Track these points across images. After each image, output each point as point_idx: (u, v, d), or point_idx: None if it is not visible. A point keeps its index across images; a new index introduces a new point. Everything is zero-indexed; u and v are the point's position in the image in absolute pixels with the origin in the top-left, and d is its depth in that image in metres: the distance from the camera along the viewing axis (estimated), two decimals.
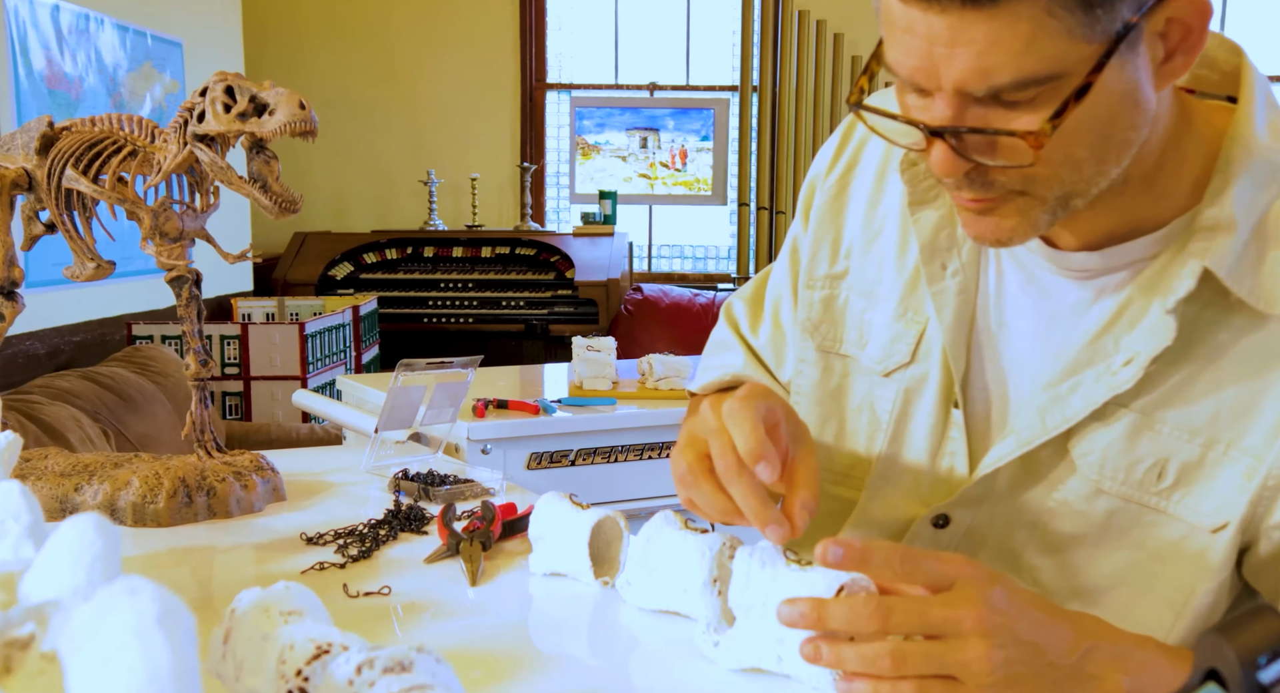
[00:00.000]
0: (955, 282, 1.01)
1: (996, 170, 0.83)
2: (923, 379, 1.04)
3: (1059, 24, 0.75)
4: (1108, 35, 0.77)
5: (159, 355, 3.53)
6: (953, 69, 0.78)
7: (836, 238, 1.13)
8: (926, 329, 1.04)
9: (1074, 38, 0.76)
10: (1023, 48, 0.76)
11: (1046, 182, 0.84)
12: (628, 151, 6.01)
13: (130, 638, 0.54)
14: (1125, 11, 0.76)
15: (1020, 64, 0.77)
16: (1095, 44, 0.77)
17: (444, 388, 1.57)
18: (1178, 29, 0.81)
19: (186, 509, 1.29)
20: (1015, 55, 0.76)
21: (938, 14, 0.77)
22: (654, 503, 2.35)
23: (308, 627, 0.70)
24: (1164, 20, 0.80)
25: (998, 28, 0.76)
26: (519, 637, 0.99)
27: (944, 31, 0.77)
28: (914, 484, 1.05)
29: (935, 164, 0.83)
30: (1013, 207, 0.86)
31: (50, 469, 1.36)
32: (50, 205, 1.37)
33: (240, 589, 0.75)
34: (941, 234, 1.02)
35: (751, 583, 0.85)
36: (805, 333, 1.14)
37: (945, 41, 0.78)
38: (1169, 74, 0.83)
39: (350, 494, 1.44)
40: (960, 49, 0.77)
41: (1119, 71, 0.79)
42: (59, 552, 0.70)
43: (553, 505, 1.10)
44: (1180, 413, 0.91)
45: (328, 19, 5.94)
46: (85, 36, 3.66)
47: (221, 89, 1.25)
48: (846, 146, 1.15)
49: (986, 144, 0.82)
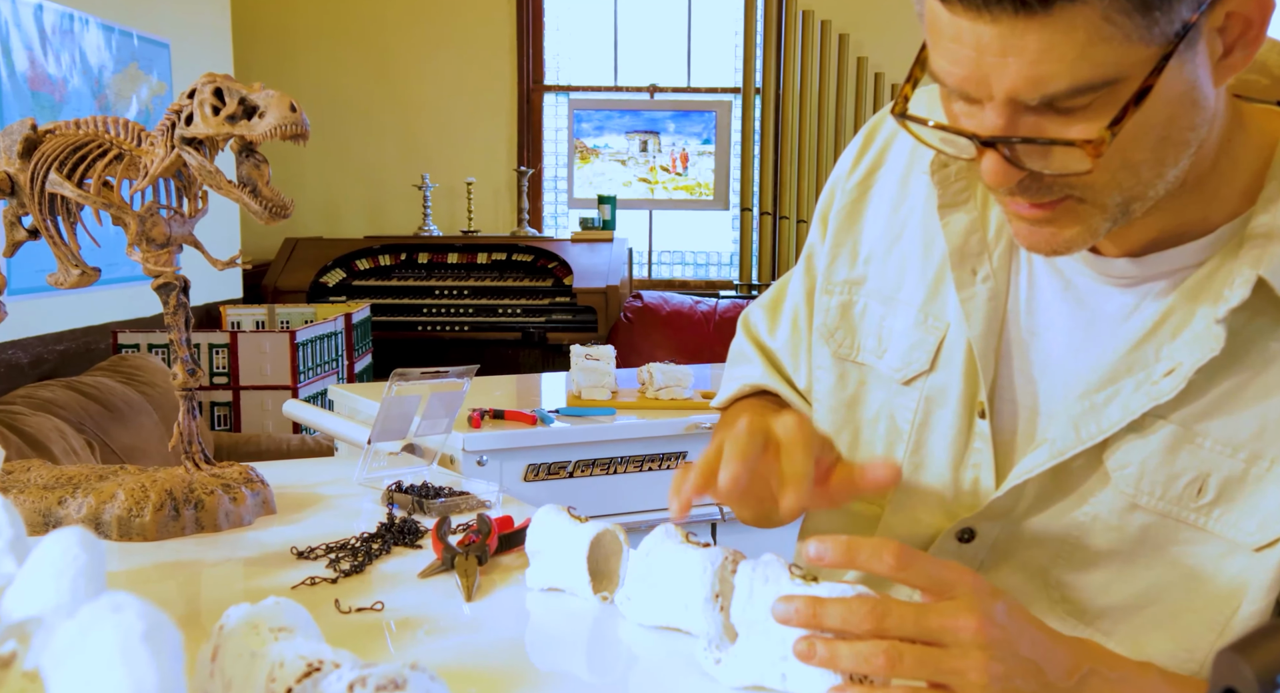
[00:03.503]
0: (986, 288, 1.00)
1: (1052, 177, 0.82)
2: (944, 388, 1.03)
3: (1115, 29, 0.74)
4: (1166, 37, 0.76)
5: (145, 365, 3.53)
6: (1004, 78, 0.78)
7: (856, 242, 1.13)
8: (947, 336, 1.03)
9: (1131, 42, 0.75)
10: (1078, 54, 0.75)
11: (1105, 187, 0.82)
12: (627, 155, 6.02)
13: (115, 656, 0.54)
14: (1185, 11, 0.75)
15: (1075, 71, 0.76)
16: (1154, 46, 0.76)
17: (439, 398, 1.57)
18: (1238, 23, 0.79)
19: (173, 523, 1.29)
20: (1070, 62, 0.75)
21: (988, 23, 0.76)
22: (654, 516, 2.35)
23: (298, 644, 0.70)
24: (1223, 15, 0.78)
25: (1051, 35, 0.75)
26: (515, 654, 0.99)
27: (994, 40, 0.77)
28: (937, 497, 1.04)
29: (988, 175, 0.82)
30: (1071, 215, 0.85)
31: (33, 482, 1.36)
32: (33, 210, 1.37)
33: (229, 605, 0.75)
34: (973, 238, 1.01)
35: (754, 598, 0.85)
36: (821, 339, 1.14)
37: (996, 51, 0.77)
38: (1228, 69, 0.82)
39: (342, 507, 1.44)
40: (1012, 58, 0.76)
41: (1178, 72, 0.78)
42: (41, 567, 0.70)
43: (550, 519, 1.10)
44: (1223, 426, 0.89)
45: (319, 19, 5.95)
46: (69, 37, 3.67)
47: (210, 91, 1.25)
48: (869, 149, 1.14)
49: (1041, 152, 0.81)
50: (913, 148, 1.08)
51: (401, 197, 5.99)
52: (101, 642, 0.54)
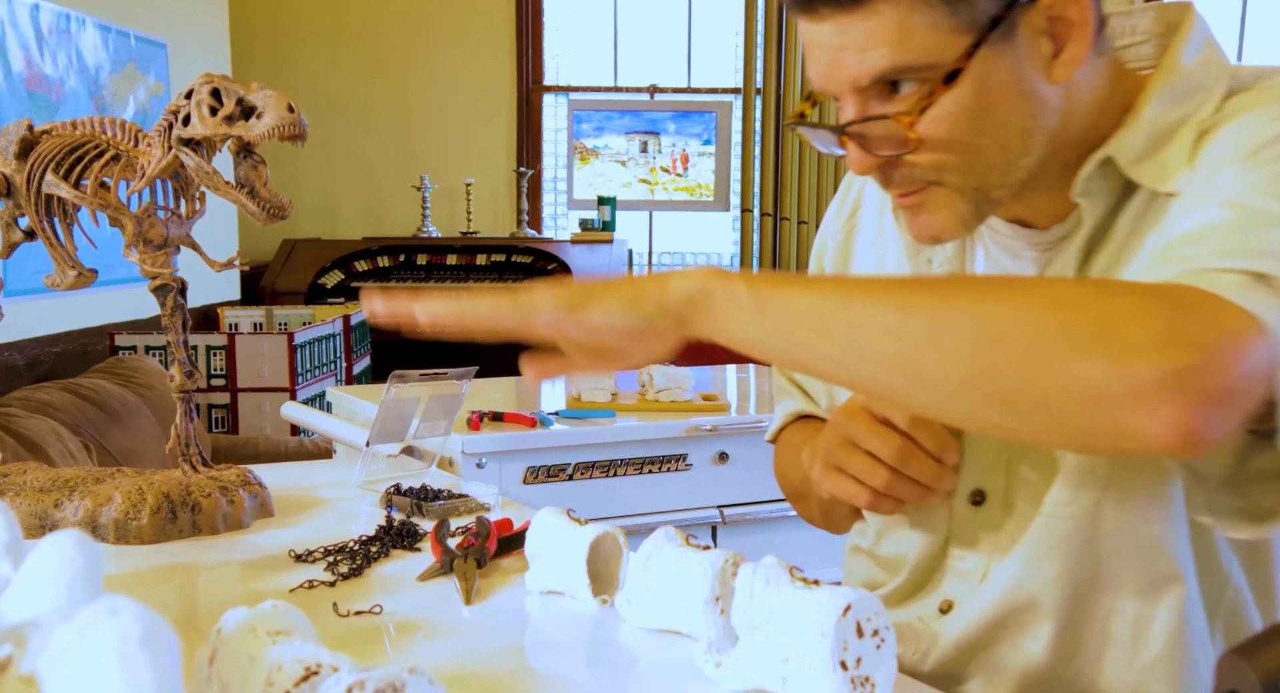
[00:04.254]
0: (942, 271, 1.10)
1: (909, 162, 0.93)
2: None
3: (924, 18, 0.87)
4: (976, 27, 0.88)
5: (142, 367, 3.53)
6: (844, 69, 0.91)
7: (849, 272, 1.23)
8: None
9: (941, 30, 0.87)
10: (897, 39, 0.88)
11: (956, 170, 0.93)
12: (627, 156, 6.01)
13: (112, 660, 0.54)
14: (990, 4, 0.87)
15: (895, 54, 0.88)
16: (965, 36, 0.88)
17: (438, 400, 1.57)
18: (1061, 24, 0.91)
19: (171, 526, 1.29)
20: (892, 46, 0.88)
21: (822, 22, 0.90)
22: (654, 519, 2.35)
23: (296, 647, 0.70)
24: (1044, 18, 0.90)
25: (872, 25, 0.88)
26: (515, 657, 0.99)
27: (831, 37, 0.90)
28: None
29: (849, 162, 0.95)
30: (937, 200, 0.96)
31: (29, 484, 1.36)
32: (30, 212, 1.37)
33: (226, 609, 0.75)
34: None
35: (755, 601, 0.85)
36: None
37: (834, 46, 0.91)
38: (1067, 64, 0.92)
39: (340, 510, 1.44)
40: (848, 51, 0.90)
41: (996, 62, 0.89)
42: (38, 570, 0.70)
43: (550, 521, 1.10)
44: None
45: (317, 19, 5.95)
46: (66, 37, 3.67)
47: (207, 91, 1.25)
48: (850, 191, 1.26)
49: (887, 138, 0.92)
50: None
51: (400, 198, 5.99)
52: (98, 646, 0.54)
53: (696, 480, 2.46)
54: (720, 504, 2.49)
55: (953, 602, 1.09)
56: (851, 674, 0.79)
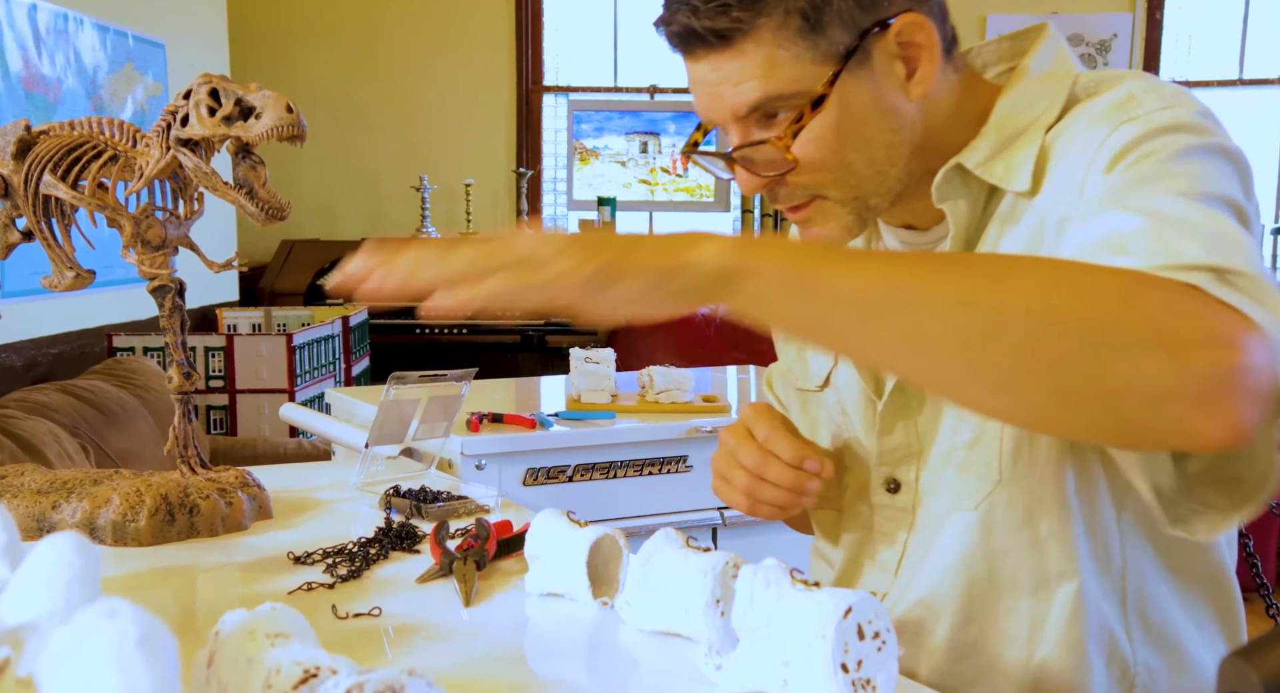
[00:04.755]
0: None
1: (791, 180, 1.02)
2: (846, 374, 1.18)
3: (787, 52, 0.97)
4: (834, 57, 0.98)
5: (141, 368, 3.53)
6: (723, 101, 1.01)
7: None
8: None
9: (804, 61, 0.97)
10: (765, 72, 0.98)
11: (833, 184, 1.03)
12: (627, 156, 6.02)
13: (109, 662, 0.54)
14: (844, 36, 0.97)
15: (765, 85, 0.98)
16: (826, 65, 0.98)
17: (437, 401, 1.57)
18: (912, 48, 1.00)
19: (169, 528, 1.29)
20: (761, 78, 0.98)
21: (699, 60, 1.00)
22: (654, 520, 2.35)
23: (295, 650, 0.70)
24: (895, 43, 0.99)
25: (741, 60, 0.98)
26: (515, 660, 0.99)
27: (709, 73, 1.00)
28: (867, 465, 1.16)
29: (739, 183, 1.05)
30: (822, 213, 1.05)
31: (27, 486, 1.36)
32: (27, 212, 1.37)
33: (224, 611, 0.75)
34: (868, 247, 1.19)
35: (755, 604, 0.85)
36: (781, 378, 1.34)
37: (712, 81, 1.00)
38: (920, 82, 1.01)
39: (339, 512, 1.44)
40: (725, 86, 1.00)
41: (856, 86, 0.99)
42: (35, 572, 0.70)
43: (549, 523, 1.10)
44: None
45: (316, 19, 5.95)
46: (64, 37, 3.67)
47: (206, 91, 1.25)
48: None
49: (769, 160, 1.01)
50: None
51: (399, 198, 5.98)
52: (96, 648, 0.54)
53: (697, 482, 2.46)
54: (721, 506, 2.49)
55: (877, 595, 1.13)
56: (853, 677, 0.79)
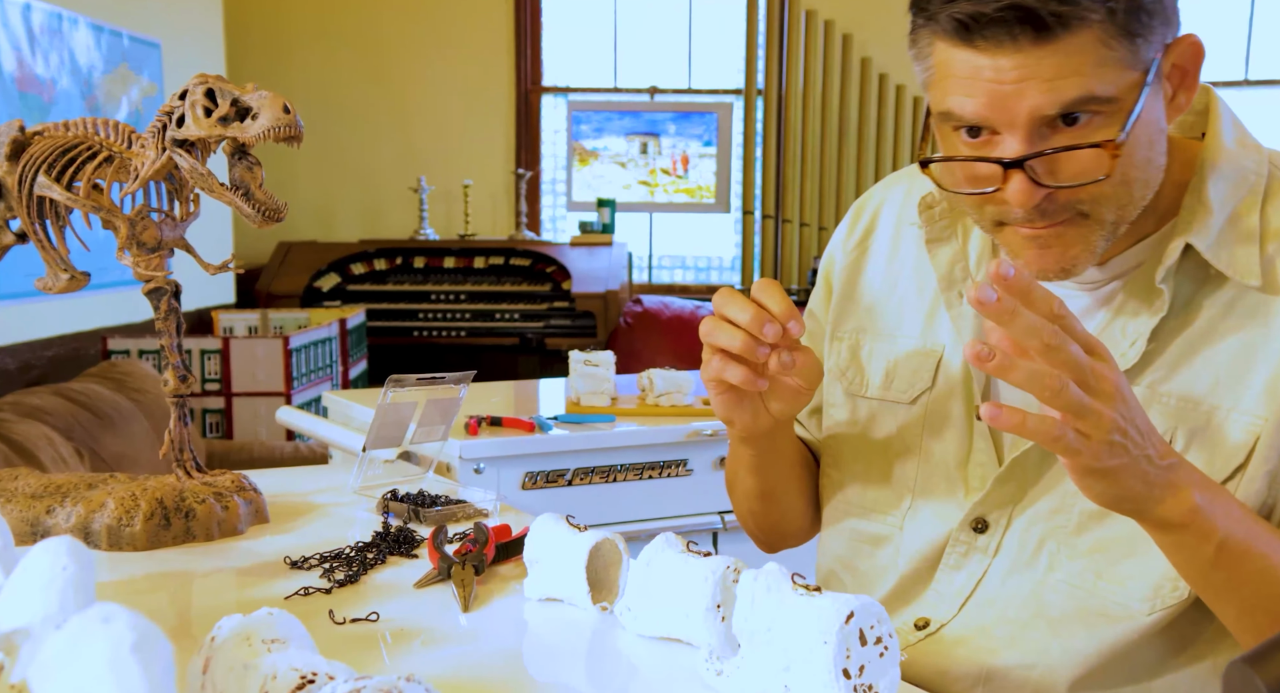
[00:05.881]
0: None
1: (1065, 195, 0.98)
2: (945, 400, 1.18)
3: (1112, 52, 0.93)
4: (1144, 65, 0.95)
5: (136, 371, 3.53)
6: (1025, 99, 0.93)
7: (859, 294, 1.28)
8: (944, 354, 1.19)
9: (1123, 65, 0.93)
10: (1088, 72, 0.92)
11: (1108, 202, 0.99)
12: (627, 158, 6.02)
13: (104, 668, 0.54)
14: (1157, 43, 0.95)
15: (1087, 83, 0.93)
16: (1137, 72, 0.94)
17: (435, 404, 1.57)
18: (1178, 72, 1.00)
19: (164, 532, 1.29)
20: (1083, 77, 0.92)
21: (1009, 54, 0.93)
22: (655, 525, 2.34)
23: (291, 655, 0.70)
24: (1170, 64, 0.98)
25: (1064, 57, 0.92)
26: (513, 665, 0.99)
27: (1013, 69, 0.93)
28: (949, 500, 1.17)
29: (1015, 195, 0.97)
30: (1076, 233, 1.00)
31: (20, 490, 1.36)
32: (21, 214, 1.37)
33: (221, 616, 0.75)
34: (956, 267, 1.17)
35: (757, 609, 0.85)
36: (834, 378, 1.28)
37: (1015, 78, 0.93)
38: (1176, 109, 1.01)
39: (337, 516, 1.44)
40: (1031, 81, 0.93)
41: (1153, 100, 0.97)
42: (29, 577, 0.70)
43: (549, 527, 1.10)
44: (1182, 383, 1.05)
45: (313, 18, 5.96)
46: (58, 37, 3.68)
47: (202, 92, 1.25)
48: (862, 216, 1.32)
49: (1064, 163, 0.96)
50: (899, 211, 1.27)
51: (397, 200, 5.99)
52: (90, 654, 0.54)
53: (697, 486, 2.46)
54: (722, 510, 2.48)
55: (929, 620, 1.15)
56: (854, 683, 0.79)
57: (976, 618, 1.13)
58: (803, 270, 5.93)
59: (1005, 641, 1.11)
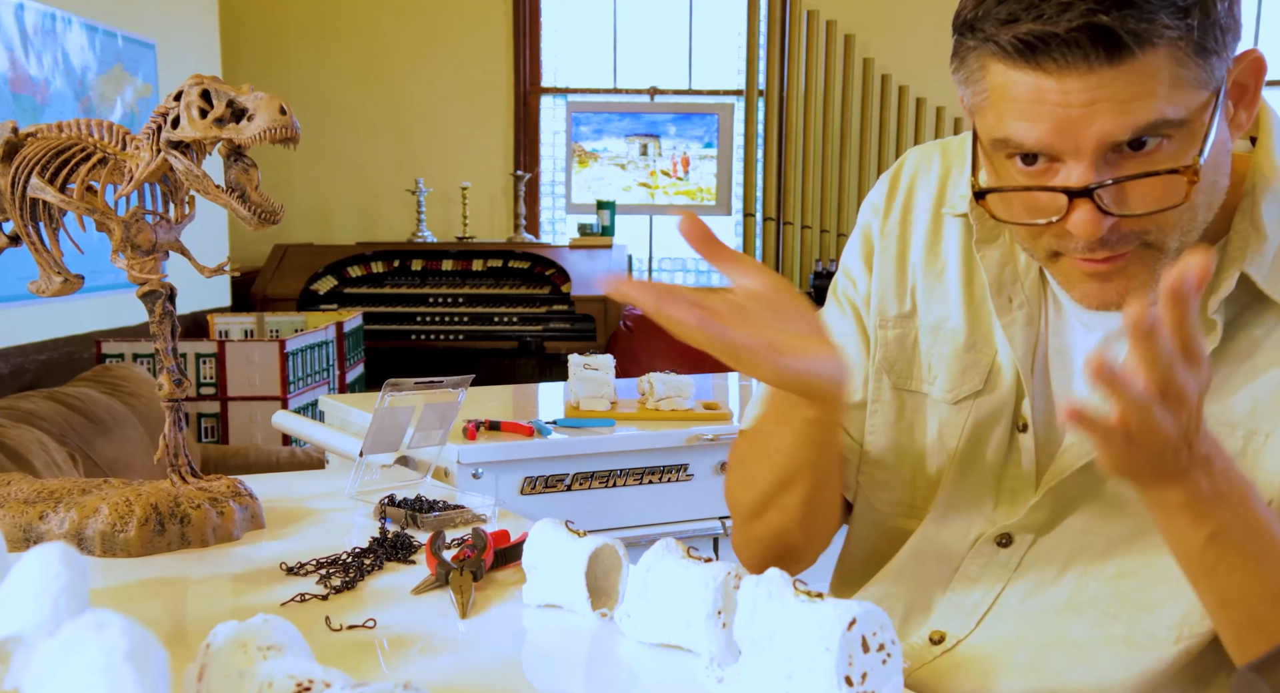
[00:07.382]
0: (1022, 313, 1.13)
1: (1130, 224, 0.94)
2: (992, 406, 1.14)
3: (1185, 72, 0.89)
4: (1215, 85, 0.91)
5: (130, 375, 3.53)
6: (1094, 124, 0.89)
7: (901, 280, 1.23)
8: (996, 358, 1.15)
9: (1195, 86, 0.89)
10: (1162, 92, 0.88)
11: (1174, 229, 0.95)
12: (627, 159, 6.02)
13: (98, 676, 0.54)
14: (1227, 60, 0.92)
15: (1159, 106, 0.88)
16: (1208, 92, 0.91)
17: (433, 409, 1.57)
18: (1238, 89, 0.96)
19: (159, 538, 1.29)
20: (1156, 99, 0.88)
21: (1079, 77, 0.88)
22: (655, 530, 2.34)
23: (288, 663, 0.70)
24: (1231, 80, 0.94)
25: (1136, 78, 0.88)
26: (512, 672, 0.99)
27: (1081, 92, 0.88)
28: (979, 508, 1.15)
29: (1080, 226, 0.92)
30: (1140, 263, 0.97)
31: (13, 496, 1.36)
32: (14, 216, 1.38)
33: (216, 623, 0.75)
34: (1006, 269, 1.14)
35: (758, 615, 0.85)
36: (882, 372, 1.22)
37: (1084, 101, 0.89)
38: (1237, 128, 0.98)
39: (333, 521, 1.44)
40: (1101, 104, 0.88)
41: (1221, 121, 0.93)
42: (22, 584, 0.70)
43: (548, 533, 1.10)
44: (1221, 409, 1.02)
45: (310, 19, 5.96)
46: (52, 37, 3.68)
47: (197, 93, 1.25)
48: (897, 192, 1.24)
49: (1130, 195, 0.92)
50: (935, 192, 1.21)
51: (395, 202, 5.99)
52: (84, 661, 0.54)
53: (698, 491, 2.46)
54: (722, 515, 2.48)
55: (944, 634, 1.14)
56: (857, 690, 0.79)
57: (994, 637, 1.12)
58: (804, 273, 5.93)
59: (1025, 664, 1.10)
